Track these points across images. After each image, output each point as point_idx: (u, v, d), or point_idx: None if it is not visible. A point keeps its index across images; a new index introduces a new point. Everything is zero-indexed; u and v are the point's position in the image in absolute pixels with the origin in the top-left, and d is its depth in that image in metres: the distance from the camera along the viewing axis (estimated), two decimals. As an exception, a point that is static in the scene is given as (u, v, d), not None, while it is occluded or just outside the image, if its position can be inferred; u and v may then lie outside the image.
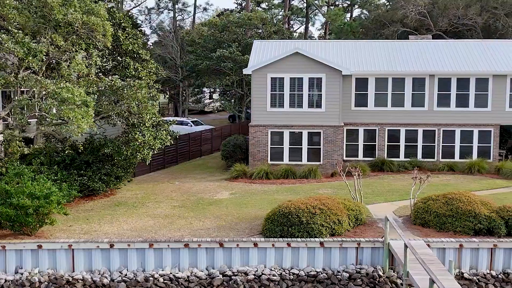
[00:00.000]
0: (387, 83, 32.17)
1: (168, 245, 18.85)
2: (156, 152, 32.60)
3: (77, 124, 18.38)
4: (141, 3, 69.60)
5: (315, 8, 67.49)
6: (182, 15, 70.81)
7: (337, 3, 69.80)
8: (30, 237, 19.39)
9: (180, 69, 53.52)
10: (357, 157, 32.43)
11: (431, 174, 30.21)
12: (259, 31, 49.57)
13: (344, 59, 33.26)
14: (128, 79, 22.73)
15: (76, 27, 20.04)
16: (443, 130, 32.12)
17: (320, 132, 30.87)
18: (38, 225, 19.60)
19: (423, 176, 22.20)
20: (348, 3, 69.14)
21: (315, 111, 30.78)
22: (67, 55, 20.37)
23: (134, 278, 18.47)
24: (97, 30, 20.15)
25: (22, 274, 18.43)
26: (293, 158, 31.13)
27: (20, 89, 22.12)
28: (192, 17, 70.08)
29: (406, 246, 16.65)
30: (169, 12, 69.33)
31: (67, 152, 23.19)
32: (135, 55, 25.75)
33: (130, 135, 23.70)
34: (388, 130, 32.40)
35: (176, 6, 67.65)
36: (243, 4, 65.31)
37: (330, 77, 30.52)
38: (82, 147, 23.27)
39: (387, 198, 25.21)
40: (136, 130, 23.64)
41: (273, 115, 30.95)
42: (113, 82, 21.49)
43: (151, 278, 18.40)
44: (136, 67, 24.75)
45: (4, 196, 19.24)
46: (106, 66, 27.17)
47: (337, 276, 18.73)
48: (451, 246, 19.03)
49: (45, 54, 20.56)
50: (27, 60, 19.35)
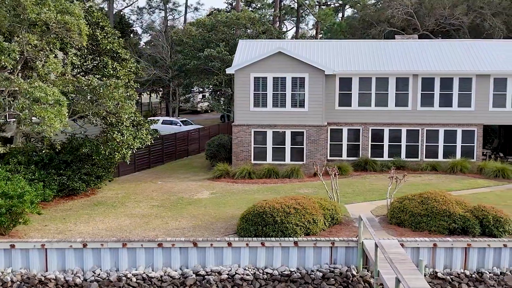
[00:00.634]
0: (371, 83, 32.17)
1: (142, 245, 18.81)
2: (137, 152, 32.60)
3: (50, 123, 18.32)
4: (133, 3, 69.62)
5: (306, 8, 67.48)
6: (173, 15, 70.85)
7: (329, 3, 69.82)
8: (4, 237, 19.31)
9: (170, 69, 53.50)
10: (341, 157, 32.42)
11: (414, 174, 30.57)
12: (248, 31, 49.52)
13: (329, 59, 33.24)
14: (105, 78, 22.65)
15: (51, 27, 20.00)
16: (427, 130, 32.12)
17: (303, 132, 30.83)
18: (12, 225, 19.54)
19: (399, 176, 22.19)
20: (340, 3, 69.18)
21: (298, 111, 30.74)
22: (42, 54, 20.32)
23: (107, 278, 18.43)
24: (73, 30, 20.10)
25: (-5, 274, 18.40)
26: (277, 158, 31.08)
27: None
28: (184, 17, 70.17)
29: (377, 246, 16.65)
30: (160, 12, 69.42)
31: (45, 152, 23.11)
32: (115, 55, 25.70)
33: (109, 135, 23.64)
34: (372, 130, 32.38)
35: (167, 6, 67.66)
36: (234, 4, 65.32)
37: (313, 77, 30.48)
38: (60, 147, 23.20)
39: (367, 198, 25.20)
40: (115, 130, 23.57)
41: (256, 115, 30.89)
42: (90, 82, 21.43)
43: (124, 278, 18.36)
44: (115, 67, 24.72)
45: (-23, 196, 19.18)
46: (88, 66, 27.12)
47: (311, 276, 18.72)
48: (425, 246, 19.02)
49: (20, 54, 20.50)
50: (0, 59, 19.28)
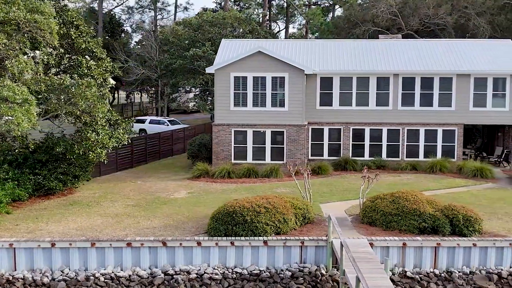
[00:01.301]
0: (352, 82, 32.19)
1: (111, 244, 18.75)
2: (119, 151, 32.51)
3: (17, 122, 18.28)
4: (123, 2, 69.47)
5: (295, 8, 67.49)
6: (162, 14, 70.80)
7: (319, 3, 69.82)
8: (-27, 236, 19.29)
9: (157, 68, 53.46)
10: (322, 156, 32.44)
11: (394, 174, 30.61)
12: (239, 30, 49.44)
13: (311, 59, 33.25)
14: (77, 77, 22.62)
15: (21, 26, 19.95)
16: (407, 129, 32.15)
17: (283, 131, 30.83)
18: (-20, 224, 19.52)
19: (371, 175, 22.21)
20: (331, 3, 69.19)
21: (278, 110, 30.73)
22: (12, 53, 20.26)
23: (75, 277, 18.37)
24: (43, 29, 20.06)
25: (-38, 274, 18.33)
26: (257, 157, 31.06)
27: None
28: (174, 17, 70.05)
29: (342, 245, 16.65)
30: (150, 11, 69.30)
31: (18, 151, 23.06)
32: (90, 53, 25.65)
33: (83, 134, 23.60)
34: (353, 129, 32.40)
35: (157, 6, 67.58)
36: (222, 4, 65.29)
37: (293, 77, 30.47)
38: (34, 146, 23.15)
39: (343, 197, 25.20)
40: (89, 129, 23.53)
41: (237, 114, 30.86)
42: (63, 81, 21.39)
43: (92, 277, 18.32)
44: (89, 66, 24.68)
45: None
46: (66, 65, 27.05)
47: (280, 275, 18.70)
48: (395, 245, 19.00)
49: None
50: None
